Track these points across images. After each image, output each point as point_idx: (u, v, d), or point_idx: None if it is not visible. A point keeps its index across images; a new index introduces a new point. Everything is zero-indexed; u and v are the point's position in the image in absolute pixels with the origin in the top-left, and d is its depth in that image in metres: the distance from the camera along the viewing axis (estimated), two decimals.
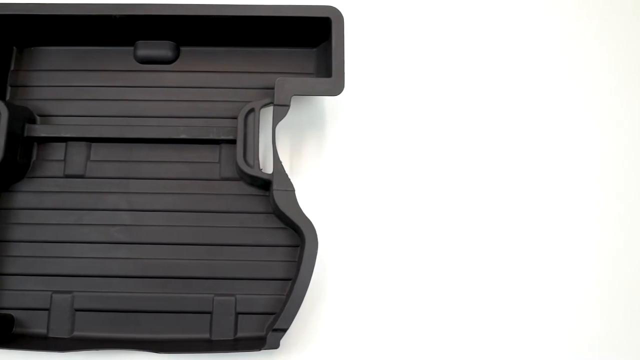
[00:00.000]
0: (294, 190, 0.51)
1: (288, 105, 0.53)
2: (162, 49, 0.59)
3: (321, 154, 0.59)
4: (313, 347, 0.54)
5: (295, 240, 0.55)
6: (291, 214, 0.51)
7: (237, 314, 0.54)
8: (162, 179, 0.57)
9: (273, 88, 0.57)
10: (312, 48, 0.59)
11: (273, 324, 0.52)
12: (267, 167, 0.55)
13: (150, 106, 0.58)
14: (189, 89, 0.59)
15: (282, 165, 0.52)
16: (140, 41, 0.59)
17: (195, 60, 0.59)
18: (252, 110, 0.54)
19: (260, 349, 0.50)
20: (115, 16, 0.55)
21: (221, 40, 0.59)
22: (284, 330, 0.49)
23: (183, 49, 0.59)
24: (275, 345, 0.49)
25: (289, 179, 0.52)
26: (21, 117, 0.56)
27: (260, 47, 0.59)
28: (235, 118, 0.57)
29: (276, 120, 0.53)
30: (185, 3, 0.55)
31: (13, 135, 0.54)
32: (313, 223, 0.51)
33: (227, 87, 0.59)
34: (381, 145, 0.59)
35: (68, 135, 0.56)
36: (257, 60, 0.59)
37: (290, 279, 0.55)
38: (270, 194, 0.55)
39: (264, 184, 0.55)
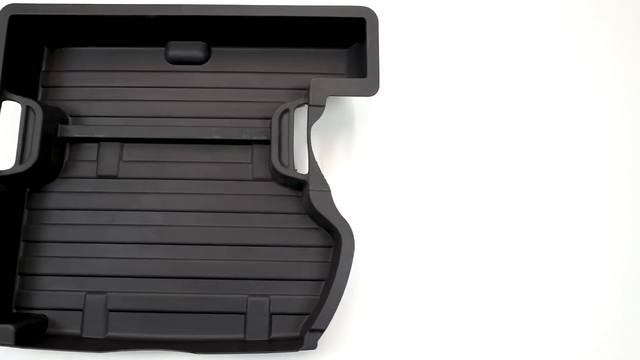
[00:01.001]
0: (329, 191, 0.51)
1: (323, 106, 0.53)
2: (193, 50, 0.59)
3: (350, 154, 0.59)
4: (347, 347, 0.54)
5: (328, 240, 0.55)
6: (328, 215, 0.51)
7: (271, 314, 0.54)
8: (195, 179, 0.57)
9: (303, 89, 0.58)
10: (343, 49, 0.59)
11: (308, 325, 0.52)
12: (300, 168, 0.55)
13: (181, 107, 0.58)
14: (220, 89, 0.59)
15: (317, 166, 0.52)
16: (171, 42, 0.59)
17: (226, 61, 0.59)
18: (286, 110, 0.54)
19: (297, 350, 0.50)
20: (149, 17, 0.55)
21: (252, 40, 0.59)
22: (322, 331, 0.49)
23: (214, 49, 0.59)
24: (313, 346, 0.49)
25: (325, 180, 0.52)
26: (54, 118, 0.56)
27: (290, 48, 0.59)
28: (267, 119, 0.58)
29: (311, 120, 0.52)
30: (218, 4, 0.55)
31: (47, 136, 0.54)
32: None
33: (258, 88, 0.59)
34: (410, 145, 0.59)
35: (101, 135, 0.56)
36: (287, 60, 0.59)
37: (323, 280, 0.55)
38: (304, 195, 0.55)
39: (297, 185, 0.55)
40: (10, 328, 0.50)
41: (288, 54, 0.59)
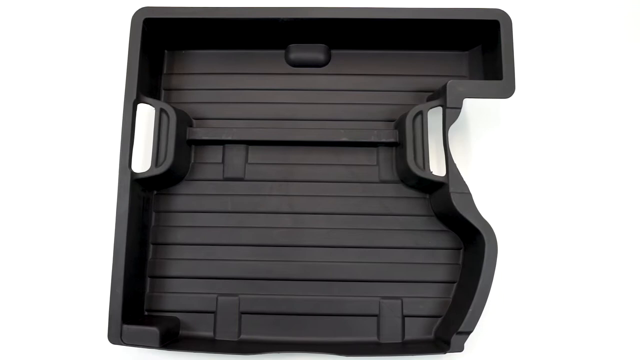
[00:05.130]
0: (470, 193, 0.51)
1: (460, 108, 0.52)
2: (314, 52, 0.59)
3: (469, 156, 0.58)
4: (486, 349, 0.54)
5: (457, 242, 0.55)
6: (470, 217, 0.51)
7: (404, 316, 0.54)
8: (321, 181, 0.57)
9: (424, 91, 0.58)
10: (464, 51, 0.59)
11: (445, 327, 0.52)
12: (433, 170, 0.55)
13: (303, 109, 0.58)
14: (341, 92, 0.59)
15: (456, 168, 0.52)
16: (293, 44, 0.59)
17: (346, 63, 0.59)
18: (419, 113, 0.54)
19: (445, 352, 0.50)
20: (281, 20, 0.55)
21: (372, 43, 0.59)
22: (468, 333, 0.49)
23: (334, 52, 0.60)
24: (460, 348, 0.49)
25: (465, 182, 0.52)
26: (183, 121, 0.56)
27: (410, 51, 0.59)
28: (390, 121, 0.58)
29: (448, 122, 0.52)
30: (345, 6, 0.55)
31: (179, 138, 0.54)
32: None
33: (379, 90, 0.59)
34: (532, 146, 0.59)
35: (229, 138, 0.56)
36: (407, 63, 0.59)
37: (453, 282, 0.55)
38: (435, 197, 0.55)
39: (428, 187, 0.55)
40: (155, 331, 0.50)
41: (407, 56, 0.59)
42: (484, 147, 0.58)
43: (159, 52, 0.59)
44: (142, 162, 0.56)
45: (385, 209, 0.56)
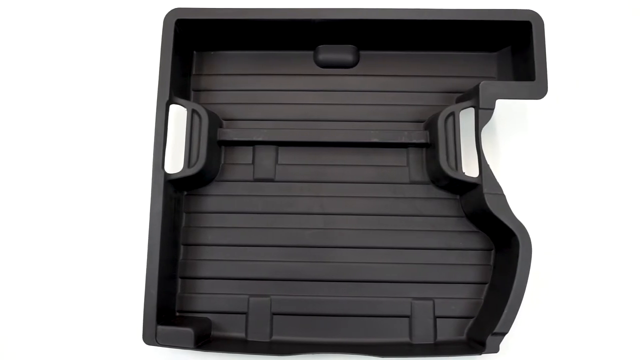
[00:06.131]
0: (504, 194, 0.51)
1: (493, 109, 0.52)
2: (343, 53, 0.59)
3: (497, 157, 0.58)
4: (523, 350, 0.54)
5: (488, 243, 0.55)
6: (504, 218, 0.50)
7: (436, 317, 0.54)
8: (352, 182, 0.57)
9: (453, 92, 0.58)
10: (492, 52, 0.59)
11: (478, 328, 0.52)
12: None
13: (332, 110, 0.58)
14: (370, 92, 0.59)
15: (490, 169, 0.52)
16: (321, 45, 0.59)
17: (376, 65, 0.59)
18: (451, 114, 0.54)
19: (480, 353, 0.50)
20: (314, 21, 0.55)
21: (401, 44, 0.59)
22: (503, 334, 0.49)
23: (362, 52, 0.60)
24: (495, 349, 0.49)
25: (498, 183, 0.52)
26: (214, 122, 0.56)
27: (438, 52, 0.59)
28: (419, 122, 0.58)
29: (481, 123, 0.52)
30: (375, 7, 0.55)
31: (211, 139, 0.55)
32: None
33: (407, 91, 0.59)
34: (559, 147, 0.59)
35: (260, 139, 0.56)
36: (435, 64, 0.59)
37: (485, 283, 0.55)
38: (467, 197, 0.55)
39: (460, 187, 0.55)
40: (190, 332, 0.50)
41: (436, 57, 0.59)
42: (512, 148, 0.58)
43: (189, 53, 0.59)
44: (171, 163, 0.56)
45: (415, 209, 0.56)
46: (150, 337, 0.50)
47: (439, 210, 0.56)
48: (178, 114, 0.57)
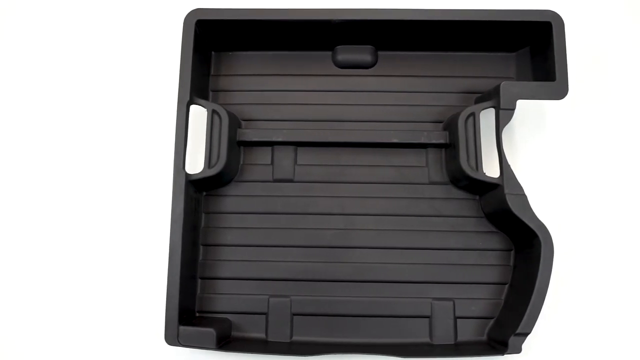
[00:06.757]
0: (525, 195, 0.51)
1: (513, 109, 0.52)
2: (362, 54, 0.59)
3: (515, 158, 0.58)
4: (544, 350, 0.54)
5: (507, 244, 0.55)
6: (526, 218, 0.50)
7: (456, 318, 0.54)
8: (371, 182, 0.57)
9: (471, 92, 0.58)
10: (511, 52, 0.59)
11: (498, 329, 0.52)
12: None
13: (350, 110, 0.58)
14: (388, 93, 0.59)
15: (511, 169, 0.52)
16: (340, 46, 0.59)
17: (394, 65, 0.59)
18: (471, 114, 0.54)
19: (503, 354, 0.50)
20: (334, 21, 0.55)
21: (419, 44, 0.59)
22: (526, 335, 0.49)
23: (380, 53, 0.60)
24: (517, 350, 0.49)
25: (519, 183, 0.52)
26: (234, 122, 0.56)
27: (456, 52, 0.59)
28: (438, 122, 0.58)
29: (502, 124, 0.52)
30: (394, 8, 0.55)
31: (231, 139, 0.55)
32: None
33: (425, 92, 0.59)
34: (576, 148, 0.59)
35: (279, 139, 0.56)
36: (453, 64, 0.59)
37: (504, 284, 0.55)
38: (487, 198, 0.55)
39: (480, 188, 0.55)
40: (212, 332, 0.50)
41: (453, 58, 0.59)
42: (529, 149, 0.58)
43: (207, 54, 0.59)
44: (189, 163, 0.56)
45: (435, 210, 0.56)
46: (172, 337, 0.50)
47: (458, 211, 0.56)
48: (194, 114, 0.57)
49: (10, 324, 0.56)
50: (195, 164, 0.56)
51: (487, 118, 0.55)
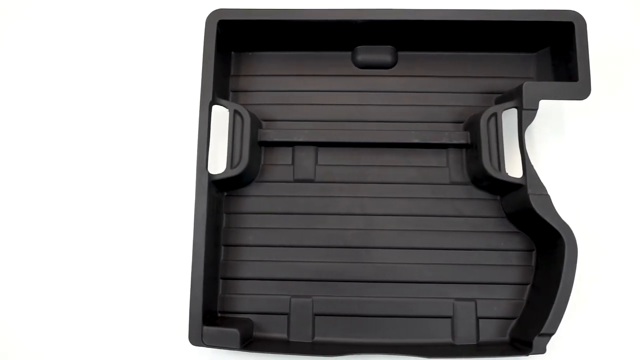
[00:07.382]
0: (548, 195, 0.51)
1: (536, 109, 0.52)
2: (382, 54, 0.59)
3: (535, 158, 0.58)
4: (568, 351, 0.54)
5: (529, 244, 0.55)
6: (550, 219, 0.50)
7: (478, 318, 0.54)
8: (392, 183, 0.57)
9: (491, 92, 0.58)
10: (531, 53, 0.59)
11: (521, 329, 0.52)
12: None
13: (370, 110, 0.58)
14: (408, 93, 0.59)
15: (534, 169, 0.52)
16: (360, 46, 0.59)
17: (414, 65, 0.59)
18: (493, 114, 0.54)
19: (527, 354, 0.50)
20: (355, 22, 0.55)
21: (439, 45, 0.59)
22: (550, 335, 0.49)
23: (400, 53, 0.59)
24: (542, 350, 0.49)
25: (542, 183, 0.51)
26: (255, 123, 0.56)
27: (477, 52, 0.59)
28: (459, 122, 0.58)
29: (525, 124, 0.52)
30: (415, 8, 0.55)
31: (253, 140, 0.55)
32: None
33: (445, 92, 0.59)
34: (596, 148, 0.59)
35: (300, 140, 0.56)
36: (473, 65, 0.59)
37: (526, 284, 0.55)
38: (509, 198, 0.54)
39: (501, 188, 0.55)
40: (236, 332, 0.50)
41: (474, 58, 0.59)
42: (549, 150, 0.58)
43: (227, 54, 0.59)
44: (210, 164, 0.56)
45: (456, 210, 0.56)
46: (197, 337, 0.50)
47: (479, 211, 0.56)
48: (214, 114, 0.57)
49: (34, 325, 0.56)
50: (216, 165, 0.56)
51: (507, 119, 0.55)
